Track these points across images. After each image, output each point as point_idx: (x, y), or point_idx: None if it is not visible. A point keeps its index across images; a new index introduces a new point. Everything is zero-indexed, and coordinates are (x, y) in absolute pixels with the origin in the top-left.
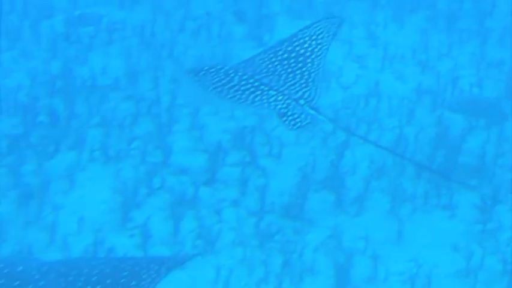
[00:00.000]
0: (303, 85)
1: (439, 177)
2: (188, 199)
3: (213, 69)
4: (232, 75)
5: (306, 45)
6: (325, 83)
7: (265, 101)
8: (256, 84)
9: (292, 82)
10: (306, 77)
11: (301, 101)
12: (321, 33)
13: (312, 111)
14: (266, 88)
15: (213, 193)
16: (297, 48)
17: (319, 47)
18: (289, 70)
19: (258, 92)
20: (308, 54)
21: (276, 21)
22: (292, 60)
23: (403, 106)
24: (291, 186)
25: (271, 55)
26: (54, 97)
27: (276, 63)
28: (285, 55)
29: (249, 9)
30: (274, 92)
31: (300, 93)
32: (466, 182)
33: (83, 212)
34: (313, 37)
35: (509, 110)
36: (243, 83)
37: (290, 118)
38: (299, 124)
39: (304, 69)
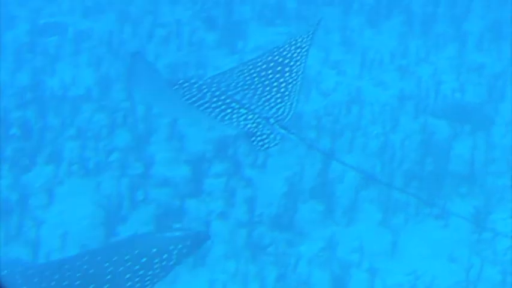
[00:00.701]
0: (278, 100)
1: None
2: (174, 212)
3: (186, 84)
4: (205, 91)
5: (285, 53)
6: (305, 90)
7: (235, 119)
8: (227, 101)
9: (268, 97)
10: (282, 89)
11: (271, 120)
12: (300, 36)
13: (282, 131)
14: (237, 106)
15: (199, 205)
16: (277, 58)
17: (299, 53)
18: (267, 83)
19: (229, 110)
20: (287, 62)
21: (248, 28)
22: (270, 71)
23: (386, 113)
24: (279, 196)
25: (250, 67)
26: (25, 109)
27: (254, 75)
28: (264, 66)
29: (219, 16)
30: (245, 111)
31: (274, 109)
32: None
33: (65, 227)
34: (293, 42)
35: (494, 115)
36: (215, 99)
37: (259, 138)
38: (267, 145)
39: (281, 80)
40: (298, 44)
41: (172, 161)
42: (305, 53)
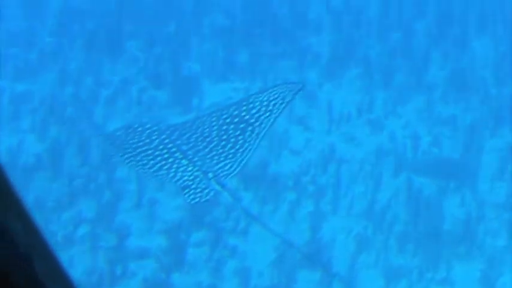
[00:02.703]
0: (230, 155)
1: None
2: (160, 286)
3: (140, 129)
4: (154, 137)
5: (253, 112)
6: (274, 149)
7: (173, 169)
8: (173, 150)
9: (220, 151)
10: (238, 146)
11: (210, 175)
12: (275, 99)
13: (218, 187)
14: (180, 156)
15: (185, 278)
16: (243, 114)
17: (267, 114)
18: (224, 137)
19: (171, 160)
20: (252, 121)
21: (200, 84)
22: (232, 126)
23: (365, 170)
24: (268, 265)
25: (214, 118)
26: None
27: (215, 128)
28: (228, 120)
29: (166, 73)
30: (186, 162)
31: (221, 164)
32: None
33: None
34: (265, 103)
35: (476, 169)
36: (161, 147)
37: (192, 191)
38: (198, 199)
39: (240, 137)
40: (270, 108)
41: (146, 231)
42: (273, 119)
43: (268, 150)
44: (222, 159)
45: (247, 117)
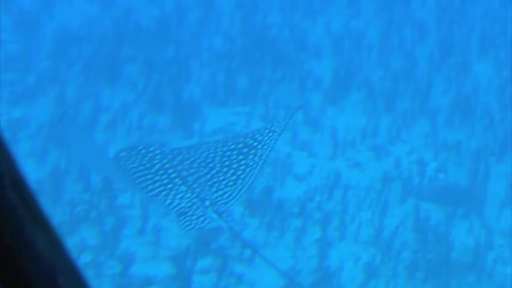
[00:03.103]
0: (230, 183)
1: None
2: None
3: (143, 151)
4: (156, 161)
5: (258, 135)
6: (278, 175)
7: (171, 195)
8: (173, 175)
9: (221, 178)
10: (239, 172)
11: (207, 202)
12: (277, 124)
13: (214, 215)
14: (180, 182)
15: None
16: (248, 139)
17: (270, 137)
18: (227, 163)
19: (170, 185)
20: (255, 144)
21: (201, 109)
22: (235, 152)
23: (371, 197)
24: None
25: (219, 145)
26: None
27: (219, 153)
28: (232, 146)
29: (166, 98)
30: (185, 188)
31: (220, 191)
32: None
33: None
34: (268, 128)
35: (483, 196)
36: (161, 172)
37: (187, 218)
38: (192, 226)
39: (243, 162)
40: (273, 128)
41: (151, 258)
42: (276, 137)
43: (272, 176)
44: (221, 186)
45: (251, 141)
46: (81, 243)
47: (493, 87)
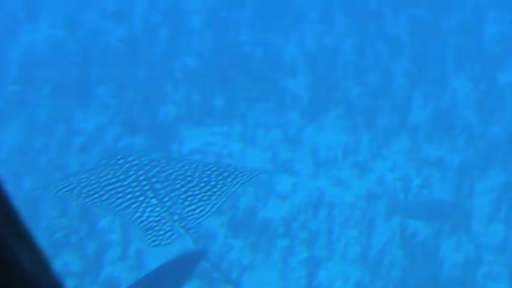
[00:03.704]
0: (205, 197)
1: None
2: None
3: (121, 160)
4: (131, 172)
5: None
6: (261, 194)
7: (141, 208)
8: (146, 188)
9: (198, 192)
10: (215, 189)
11: (176, 217)
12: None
13: (181, 230)
14: (151, 195)
15: None
16: (229, 167)
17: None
18: (205, 179)
19: (141, 198)
20: (237, 172)
21: (177, 129)
22: (215, 173)
23: (356, 215)
24: None
25: (201, 163)
26: None
27: (200, 169)
28: (214, 168)
29: (140, 119)
30: (156, 201)
31: (193, 206)
32: None
33: None
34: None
35: (469, 211)
36: (134, 184)
37: (154, 233)
38: (158, 242)
39: (221, 182)
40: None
41: None
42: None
43: (254, 196)
44: (195, 200)
45: (232, 170)
46: (64, 268)
47: (472, 101)
